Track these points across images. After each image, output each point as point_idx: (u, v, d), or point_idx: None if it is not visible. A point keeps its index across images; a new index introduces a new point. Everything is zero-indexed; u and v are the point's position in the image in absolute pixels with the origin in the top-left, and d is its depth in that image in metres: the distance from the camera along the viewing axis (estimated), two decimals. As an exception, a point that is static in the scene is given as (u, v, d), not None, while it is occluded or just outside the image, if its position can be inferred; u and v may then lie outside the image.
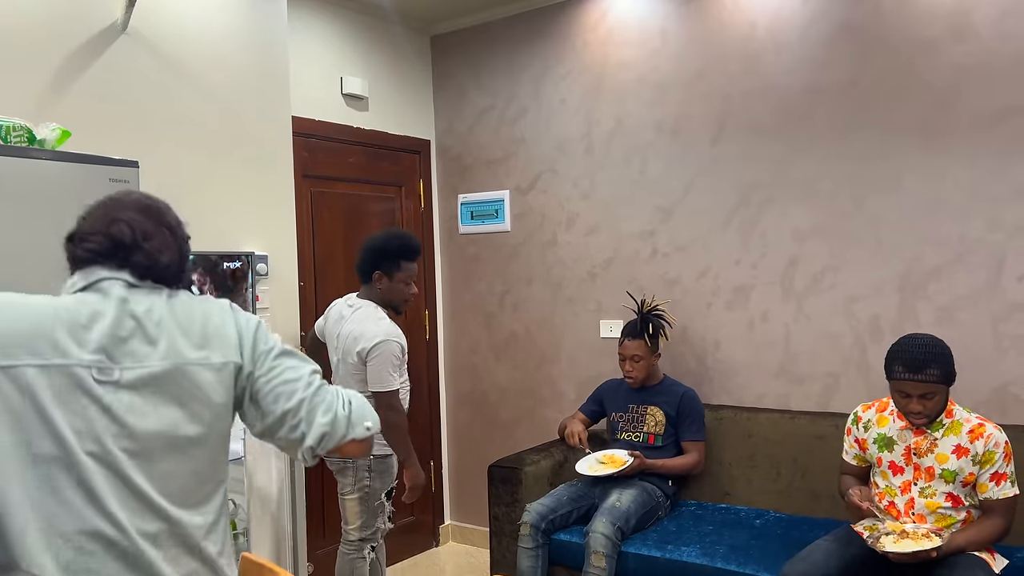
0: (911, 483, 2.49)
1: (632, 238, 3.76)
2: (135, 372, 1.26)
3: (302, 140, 3.65)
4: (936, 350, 2.41)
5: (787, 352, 3.38)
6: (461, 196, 4.32)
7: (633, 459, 3.10)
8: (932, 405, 2.40)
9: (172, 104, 2.87)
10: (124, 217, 1.35)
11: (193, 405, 1.30)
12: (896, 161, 3.12)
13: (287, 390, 1.39)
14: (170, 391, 1.28)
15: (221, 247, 3.00)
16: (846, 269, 3.23)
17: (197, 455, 1.31)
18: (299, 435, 1.39)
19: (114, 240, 1.32)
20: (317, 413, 1.39)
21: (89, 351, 1.23)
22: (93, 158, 2.16)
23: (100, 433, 1.22)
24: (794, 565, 2.48)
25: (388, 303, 2.94)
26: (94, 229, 1.33)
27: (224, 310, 1.41)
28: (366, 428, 1.44)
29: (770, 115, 3.38)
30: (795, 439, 3.21)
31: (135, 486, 1.23)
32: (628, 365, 3.30)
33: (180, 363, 1.29)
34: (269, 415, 1.39)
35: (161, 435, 1.26)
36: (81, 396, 1.21)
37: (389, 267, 2.90)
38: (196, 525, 1.29)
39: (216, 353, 1.34)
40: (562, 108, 3.95)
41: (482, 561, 4.07)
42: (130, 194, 1.42)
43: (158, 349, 1.28)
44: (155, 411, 1.26)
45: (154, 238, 1.36)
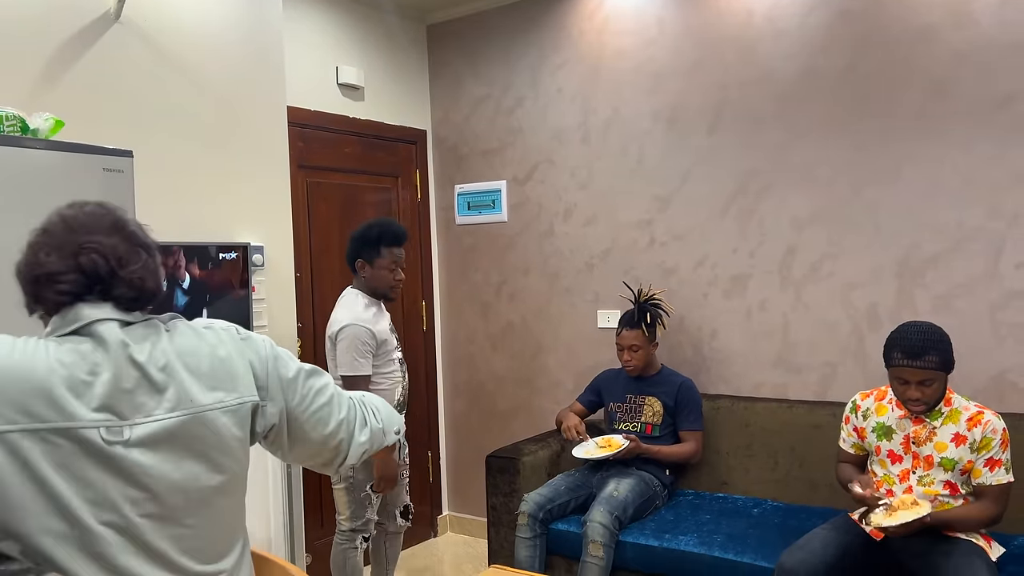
0: (910, 472, 2.49)
1: (629, 228, 3.75)
2: (146, 428, 1.11)
3: (297, 130, 3.63)
4: (935, 337, 2.41)
5: (785, 341, 3.38)
6: (458, 186, 4.30)
7: (629, 443, 3.11)
8: (931, 392, 2.40)
9: (166, 94, 2.85)
10: (91, 244, 1.16)
11: (213, 454, 1.18)
12: (894, 148, 3.11)
13: (323, 415, 1.32)
14: (187, 443, 1.15)
15: (216, 238, 2.98)
16: (844, 257, 3.23)
17: (221, 505, 1.20)
18: (339, 455, 1.35)
19: (88, 275, 1.15)
20: (355, 432, 1.36)
21: (93, 409, 1.08)
22: (88, 147, 2.15)
23: (117, 500, 1.08)
24: (792, 554, 2.48)
25: (375, 291, 2.93)
26: (62, 266, 1.14)
27: (232, 339, 1.27)
28: (396, 433, 1.43)
29: (767, 103, 3.37)
30: (793, 428, 3.22)
31: (156, 551, 1.12)
32: (627, 355, 3.30)
33: (194, 411, 1.16)
34: (307, 442, 1.32)
35: (184, 492, 1.14)
36: (90, 461, 1.07)
37: (370, 254, 2.90)
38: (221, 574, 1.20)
39: (230, 394, 1.21)
40: (559, 97, 3.93)
41: (480, 551, 4.07)
42: (84, 208, 1.21)
43: (167, 398, 1.14)
44: (175, 468, 1.13)
45: (131, 262, 1.19)
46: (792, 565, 2.44)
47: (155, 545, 1.12)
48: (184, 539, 1.14)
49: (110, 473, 1.08)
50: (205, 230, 2.95)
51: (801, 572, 2.41)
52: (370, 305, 2.92)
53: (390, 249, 2.91)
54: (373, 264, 2.90)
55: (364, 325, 2.82)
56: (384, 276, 2.92)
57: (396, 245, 2.92)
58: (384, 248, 2.90)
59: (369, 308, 2.90)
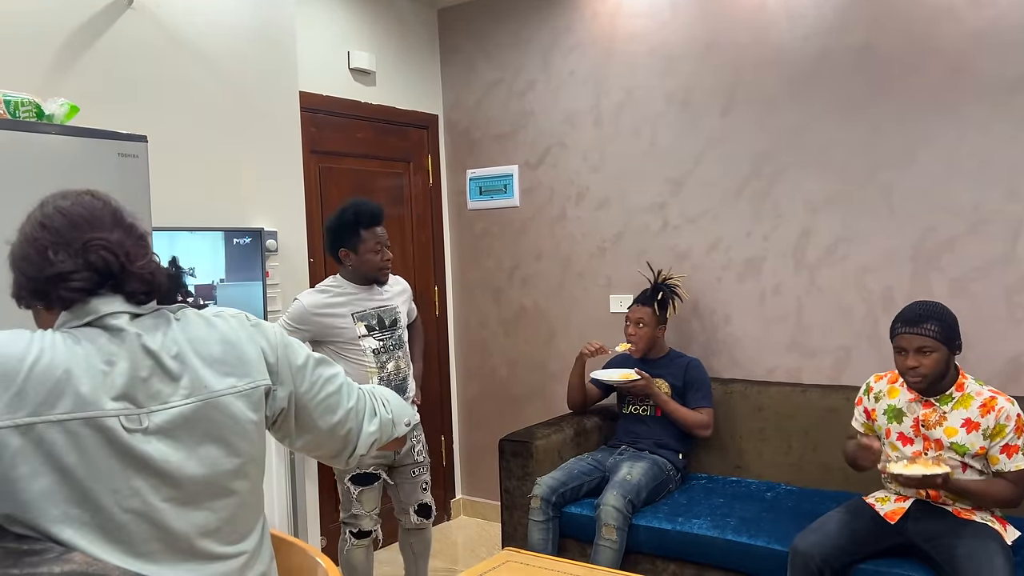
0: (921, 453, 2.48)
1: (642, 211, 3.74)
2: (163, 415, 1.13)
3: (309, 115, 3.63)
4: (937, 309, 2.43)
5: (799, 325, 3.36)
6: (470, 171, 4.30)
7: (639, 378, 3.21)
8: (929, 363, 2.38)
9: (179, 79, 2.86)
10: (99, 240, 1.15)
11: (230, 438, 1.19)
12: (910, 130, 3.08)
13: (332, 403, 1.32)
14: (204, 428, 1.16)
15: (230, 223, 2.99)
16: (859, 240, 3.21)
17: (241, 487, 1.21)
18: (348, 445, 1.35)
19: (99, 272, 1.14)
20: (364, 421, 1.36)
21: (112, 398, 1.09)
22: (103, 133, 2.15)
23: (139, 487, 1.10)
24: (805, 537, 2.48)
25: (365, 277, 2.83)
26: (72, 265, 1.13)
27: (241, 326, 1.27)
28: (406, 424, 1.43)
29: (781, 84, 3.34)
30: (806, 412, 3.21)
31: (179, 535, 1.13)
32: (631, 328, 3.32)
33: (208, 397, 1.17)
34: (314, 431, 1.32)
35: (203, 476, 1.16)
36: (112, 449, 1.08)
37: (351, 240, 2.78)
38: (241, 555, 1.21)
39: (243, 379, 1.22)
40: (571, 80, 3.91)
41: (493, 534, 4.09)
42: (80, 200, 1.20)
43: (182, 386, 1.15)
44: (194, 452, 1.15)
45: (139, 256, 1.19)
46: (806, 548, 2.44)
47: (177, 530, 1.13)
48: (205, 523, 1.16)
49: (131, 460, 1.09)
50: (219, 215, 2.96)
51: (815, 555, 2.42)
52: (339, 291, 2.80)
53: (371, 230, 2.78)
54: (357, 250, 2.78)
55: (304, 305, 2.74)
56: (371, 260, 2.79)
57: (376, 225, 2.79)
58: (364, 231, 2.77)
59: (332, 293, 2.79)
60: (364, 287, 2.84)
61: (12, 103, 2.04)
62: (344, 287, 2.81)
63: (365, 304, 2.83)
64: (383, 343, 2.85)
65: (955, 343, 2.41)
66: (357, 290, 2.83)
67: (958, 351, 2.43)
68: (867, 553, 2.47)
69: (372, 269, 2.81)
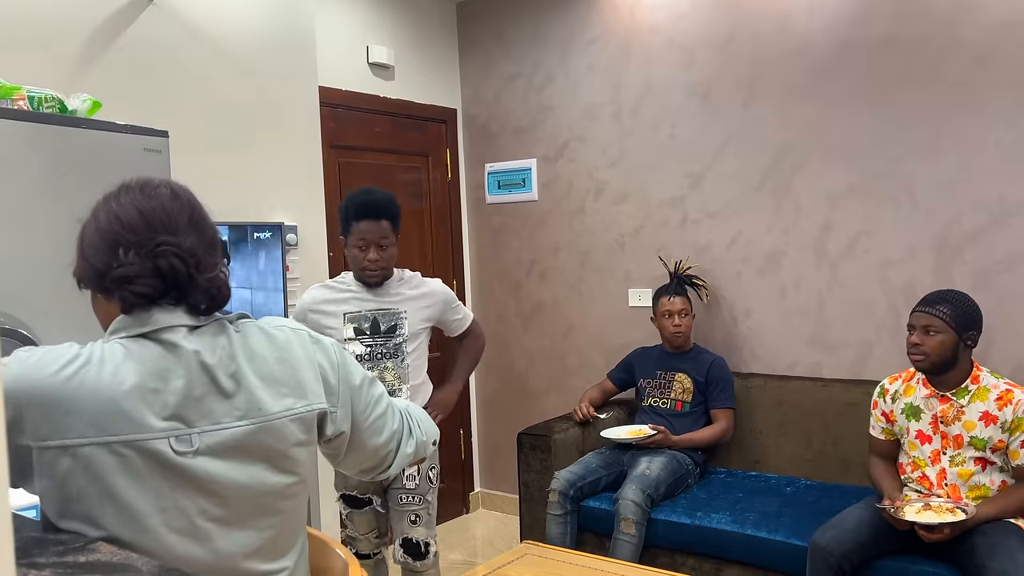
0: (940, 452, 2.46)
1: (661, 205, 3.72)
2: (215, 436, 1.10)
3: (329, 110, 3.64)
4: (957, 296, 2.43)
5: (820, 319, 3.34)
6: (488, 165, 4.30)
7: (656, 433, 3.12)
8: (932, 344, 2.38)
9: (199, 75, 2.88)
10: (171, 245, 1.12)
11: (279, 460, 1.16)
12: (933, 121, 3.04)
13: (379, 425, 1.32)
14: (254, 451, 1.13)
15: (251, 218, 3.02)
16: (881, 233, 3.17)
17: (287, 507, 1.19)
18: (384, 463, 1.36)
19: (166, 280, 1.11)
20: (403, 442, 1.36)
21: (163, 418, 1.07)
22: (127, 127, 2.18)
23: (187, 508, 1.08)
24: (825, 532, 2.47)
25: (356, 273, 2.57)
26: (140, 269, 1.10)
27: (302, 343, 1.23)
28: (433, 444, 1.45)
29: (803, 76, 3.31)
30: (827, 407, 3.19)
31: (224, 554, 1.12)
32: (676, 320, 3.29)
33: (263, 420, 1.14)
34: (362, 451, 1.31)
35: (252, 497, 1.13)
36: (161, 471, 1.06)
37: (344, 230, 2.51)
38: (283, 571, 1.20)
39: (300, 400, 1.19)
40: (590, 74, 3.90)
41: (512, 528, 4.11)
42: (159, 197, 1.16)
43: (237, 406, 1.12)
44: (243, 473, 1.12)
45: (208, 267, 1.16)
46: (825, 543, 2.43)
47: (223, 550, 1.12)
48: (250, 542, 1.14)
49: (180, 482, 1.08)
50: (240, 210, 2.98)
51: (834, 550, 2.41)
52: (343, 288, 2.56)
53: (357, 224, 2.47)
54: (347, 243, 2.51)
55: (304, 300, 2.58)
56: (354, 256, 2.50)
57: (365, 218, 2.46)
58: (355, 222, 2.48)
59: (336, 289, 2.57)
60: (367, 285, 2.57)
61: (36, 99, 2.06)
62: (349, 284, 2.57)
63: (362, 304, 2.53)
64: (370, 349, 2.53)
65: (966, 333, 2.39)
66: (360, 288, 2.55)
67: (970, 343, 2.41)
68: (887, 549, 2.45)
69: (356, 266, 2.52)
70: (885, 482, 2.56)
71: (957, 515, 2.27)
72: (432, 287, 2.64)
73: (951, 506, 2.32)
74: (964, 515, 2.26)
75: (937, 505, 2.34)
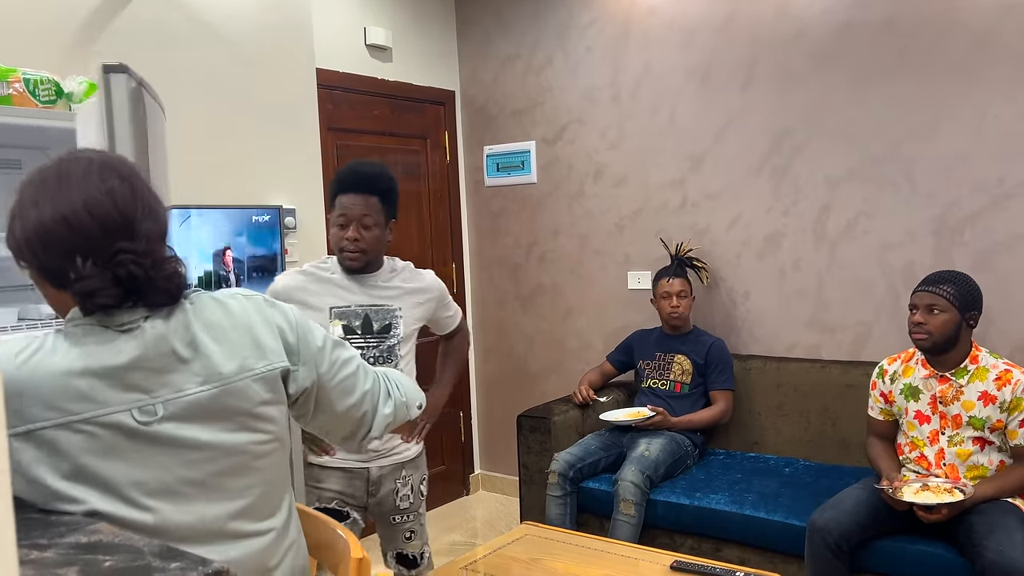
0: (939, 432, 2.47)
1: (661, 188, 3.71)
2: (177, 403, 1.11)
3: (326, 92, 3.62)
4: (958, 276, 2.44)
5: (819, 301, 3.34)
6: (487, 148, 4.28)
7: (655, 415, 3.13)
8: (936, 323, 2.39)
9: (196, 57, 2.86)
10: (128, 251, 1.09)
11: (247, 420, 1.17)
12: (933, 103, 3.02)
13: (348, 385, 1.31)
14: (220, 414, 1.14)
15: (249, 200, 3.01)
16: (880, 215, 3.17)
17: (263, 465, 1.20)
18: (363, 427, 1.34)
19: (125, 286, 1.09)
20: (380, 404, 1.35)
21: (122, 391, 1.08)
22: (120, 111, 2.16)
23: (162, 476, 1.09)
24: (823, 513, 2.48)
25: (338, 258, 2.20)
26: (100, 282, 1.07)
27: (257, 308, 1.24)
28: (417, 407, 1.43)
29: (803, 58, 3.29)
30: (825, 388, 3.19)
31: (208, 517, 1.13)
32: (675, 301, 3.29)
33: (223, 383, 1.15)
34: (331, 412, 1.31)
35: (225, 458, 1.14)
36: (130, 443, 1.07)
37: (331, 206, 2.19)
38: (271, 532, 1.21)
39: (260, 361, 1.19)
40: (589, 56, 3.87)
41: (512, 509, 4.13)
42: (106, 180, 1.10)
43: (196, 372, 1.13)
44: (212, 435, 1.13)
45: (166, 261, 1.13)
46: (823, 523, 2.44)
47: (207, 513, 1.13)
48: (232, 502, 1.16)
49: (151, 451, 1.09)
50: (238, 193, 2.97)
51: (832, 530, 2.42)
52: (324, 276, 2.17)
53: (340, 197, 2.14)
54: (330, 219, 2.19)
55: (276, 287, 2.16)
56: (334, 235, 2.15)
57: (350, 192, 2.13)
58: (339, 196, 2.15)
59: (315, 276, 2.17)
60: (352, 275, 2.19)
61: (32, 81, 2.05)
62: (333, 270, 2.19)
63: (351, 297, 2.16)
64: (361, 352, 2.10)
65: (969, 312, 2.40)
66: (346, 278, 2.18)
67: (971, 323, 2.42)
68: (885, 529, 2.47)
69: (334, 247, 2.16)
70: (883, 462, 2.57)
71: (955, 495, 2.28)
72: (427, 281, 2.30)
73: (949, 486, 2.33)
74: (962, 495, 2.28)
75: (935, 485, 2.35)
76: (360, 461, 2.21)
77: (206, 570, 0.87)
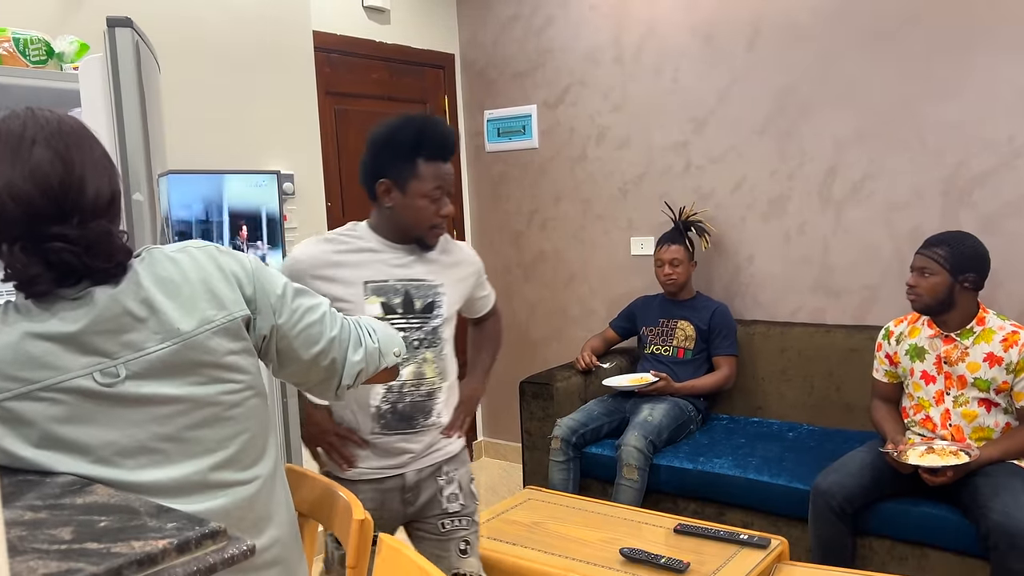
0: (944, 392, 2.46)
1: (664, 151, 3.66)
2: (139, 363, 1.08)
3: (323, 56, 3.56)
4: (957, 237, 2.41)
5: (824, 264, 3.31)
6: (487, 112, 4.22)
7: (658, 380, 3.11)
8: (925, 285, 2.40)
9: (190, 18, 2.80)
10: (59, 237, 1.04)
11: (215, 371, 1.14)
12: (943, 61, 2.96)
13: (313, 333, 1.27)
14: (184, 368, 1.12)
15: (246, 166, 2.97)
16: (887, 176, 3.12)
17: (238, 414, 1.17)
18: (332, 376, 1.31)
19: (62, 272, 1.05)
20: (348, 351, 1.31)
21: (81, 355, 1.05)
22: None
23: (135, 434, 1.08)
24: (827, 476, 2.48)
25: (404, 233, 1.83)
26: (35, 269, 1.03)
27: (210, 258, 1.20)
28: (395, 354, 1.37)
29: (809, 16, 3.22)
30: (830, 352, 3.17)
31: (188, 470, 1.12)
32: (667, 268, 3.27)
33: (183, 338, 1.11)
34: (296, 361, 1.27)
35: (195, 409, 1.12)
36: (96, 407, 1.05)
37: (401, 171, 1.78)
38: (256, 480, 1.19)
39: (219, 312, 1.15)
40: (591, 15, 3.80)
41: (515, 475, 4.14)
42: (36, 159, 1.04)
43: (154, 331, 1.09)
44: (178, 389, 1.11)
45: (108, 237, 1.08)
46: (827, 487, 2.44)
47: (187, 466, 1.12)
48: (212, 454, 1.14)
49: (120, 412, 1.07)
50: (235, 158, 2.93)
51: (836, 494, 2.42)
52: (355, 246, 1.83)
53: (434, 164, 1.78)
54: (406, 189, 1.78)
55: (298, 258, 1.81)
56: (422, 209, 1.79)
57: (442, 159, 1.80)
58: (424, 162, 1.77)
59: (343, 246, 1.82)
60: (397, 246, 1.85)
61: (21, 41, 2.00)
62: (365, 240, 1.84)
63: (388, 271, 1.82)
64: (405, 335, 1.83)
65: (962, 275, 2.38)
66: (384, 248, 1.84)
67: (967, 285, 2.39)
68: (889, 492, 2.46)
69: (420, 223, 1.81)
70: (887, 425, 2.56)
71: (960, 458, 2.27)
72: (466, 253, 2.00)
73: (955, 448, 2.32)
74: (968, 458, 2.27)
75: (940, 448, 2.34)
76: (393, 468, 1.82)
77: (202, 530, 0.85)
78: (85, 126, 1.13)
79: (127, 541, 0.82)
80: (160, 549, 0.81)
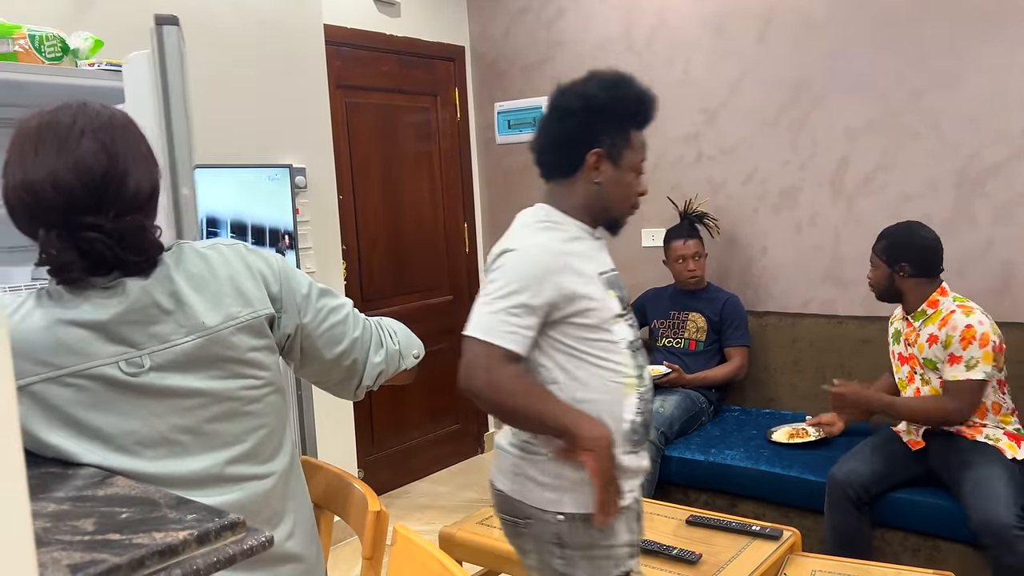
0: (913, 373, 2.54)
1: (676, 142, 3.65)
2: (164, 355, 1.10)
3: (334, 49, 3.56)
4: (896, 229, 2.52)
5: (835, 255, 3.30)
6: (498, 105, 4.22)
7: (670, 372, 3.11)
8: (872, 277, 2.56)
9: (203, 13, 2.81)
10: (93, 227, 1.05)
11: (237, 367, 1.16)
12: (956, 52, 2.94)
13: (336, 333, 1.28)
14: (208, 363, 1.13)
15: (259, 160, 2.98)
16: (899, 168, 3.11)
17: (257, 410, 1.19)
18: (354, 376, 1.32)
19: (94, 261, 1.07)
20: (370, 352, 1.32)
21: (108, 343, 1.07)
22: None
23: (155, 424, 1.09)
24: (842, 466, 2.52)
25: (606, 212, 1.59)
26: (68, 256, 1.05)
27: (239, 256, 1.22)
28: (414, 356, 1.39)
29: (820, 7, 3.20)
30: (841, 344, 3.17)
31: (206, 462, 1.13)
32: (691, 264, 3.27)
33: (208, 333, 1.13)
34: (319, 361, 1.29)
35: (215, 403, 1.14)
36: (120, 395, 1.07)
37: (615, 139, 1.55)
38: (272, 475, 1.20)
39: (244, 309, 1.17)
40: (602, 7, 3.79)
41: (526, 467, 4.15)
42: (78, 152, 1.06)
43: (181, 323, 1.12)
44: (200, 382, 1.13)
45: (142, 231, 1.10)
46: (844, 476, 2.47)
47: (205, 459, 1.13)
48: (229, 448, 1.15)
49: (142, 402, 1.09)
50: (247, 152, 2.94)
51: (853, 482, 2.45)
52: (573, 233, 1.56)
53: (641, 134, 1.60)
54: (620, 160, 1.56)
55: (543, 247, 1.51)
56: (630, 184, 1.59)
57: (646, 123, 1.61)
58: (635, 132, 1.58)
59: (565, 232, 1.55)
60: (592, 231, 1.60)
61: (37, 37, 2.02)
62: (573, 227, 1.58)
63: (606, 261, 1.60)
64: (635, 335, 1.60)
65: (897, 264, 2.46)
66: (584, 234, 1.58)
67: (903, 274, 2.46)
68: (900, 479, 2.50)
69: (626, 200, 1.60)
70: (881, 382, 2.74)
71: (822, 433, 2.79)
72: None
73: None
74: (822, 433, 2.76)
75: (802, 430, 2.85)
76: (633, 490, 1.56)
77: (222, 521, 0.86)
78: (134, 121, 1.15)
79: (148, 532, 0.84)
80: (181, 540, 0.82)
